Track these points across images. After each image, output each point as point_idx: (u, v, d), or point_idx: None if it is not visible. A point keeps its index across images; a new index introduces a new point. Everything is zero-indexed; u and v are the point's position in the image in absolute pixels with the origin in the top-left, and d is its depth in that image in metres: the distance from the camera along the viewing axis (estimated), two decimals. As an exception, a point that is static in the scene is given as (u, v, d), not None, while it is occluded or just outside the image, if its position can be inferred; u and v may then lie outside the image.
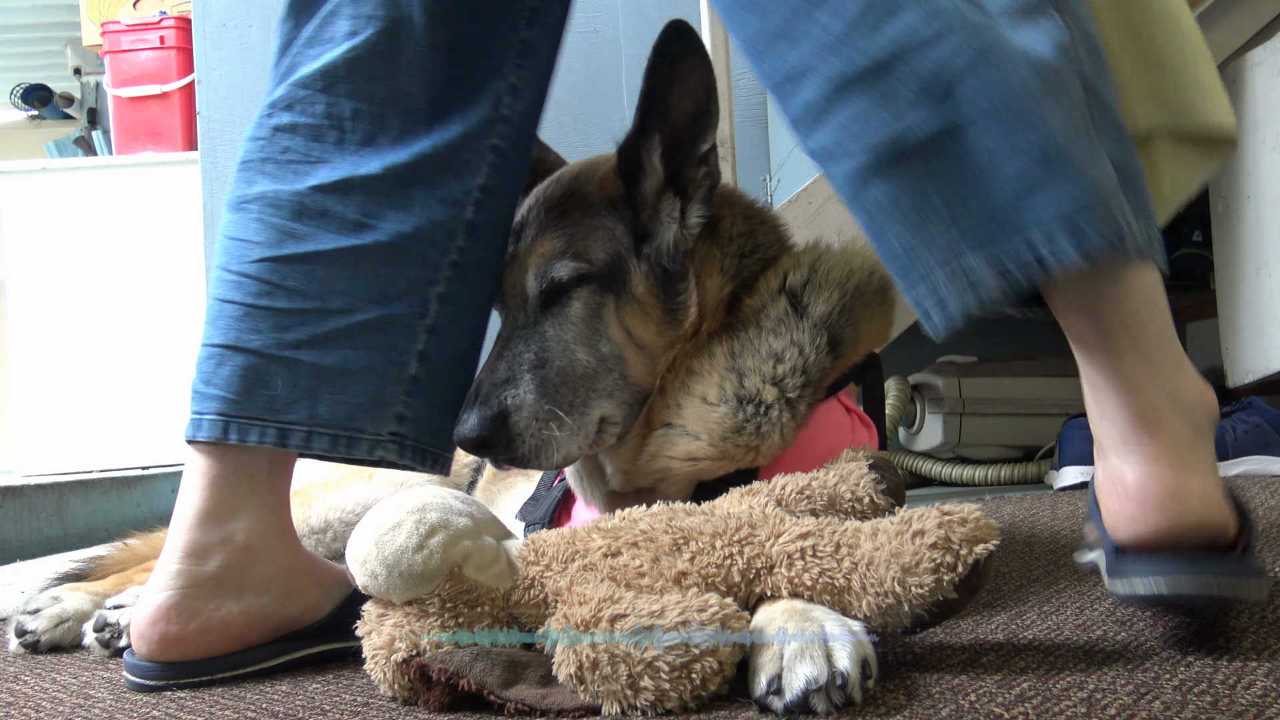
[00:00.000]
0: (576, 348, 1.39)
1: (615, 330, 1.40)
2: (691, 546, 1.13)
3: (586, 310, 1.40)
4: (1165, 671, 1.04)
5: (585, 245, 1.41)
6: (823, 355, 1.41)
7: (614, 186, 1.46)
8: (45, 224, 4.59)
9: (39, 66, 7.11)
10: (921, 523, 1.06)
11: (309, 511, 1.95)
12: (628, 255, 1.43)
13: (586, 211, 1.45)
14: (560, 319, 1.40)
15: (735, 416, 1.38)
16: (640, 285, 1.42)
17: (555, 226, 1.44)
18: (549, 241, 1.42)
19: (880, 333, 1.52)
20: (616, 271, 1.41)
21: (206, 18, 4.19)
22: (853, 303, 1.44)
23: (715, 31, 2.86)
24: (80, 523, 3.23)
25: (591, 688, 1.01)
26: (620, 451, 1.45)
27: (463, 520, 1.15)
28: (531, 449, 1.35)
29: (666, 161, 1.44)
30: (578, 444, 1.37)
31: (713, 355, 1.42)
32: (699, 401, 1.40)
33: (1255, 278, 3.05)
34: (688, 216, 1.44)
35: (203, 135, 4.16)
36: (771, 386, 1.39)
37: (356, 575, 1.14)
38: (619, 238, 1.43)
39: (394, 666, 1.11)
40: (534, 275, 1.42)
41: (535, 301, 1.42)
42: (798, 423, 1.40)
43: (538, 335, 1.40)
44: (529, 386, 1.36)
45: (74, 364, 4.52)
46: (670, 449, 1.41)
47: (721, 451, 1.39)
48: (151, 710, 1.21)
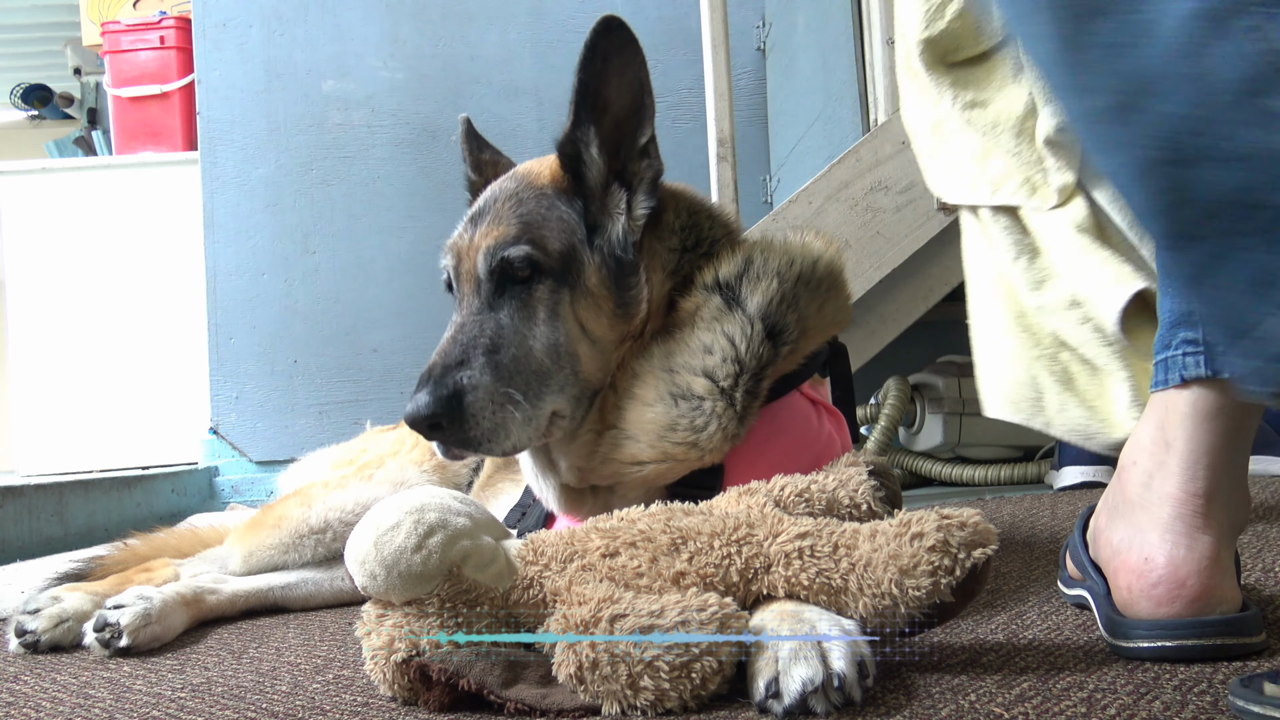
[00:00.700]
0: (531, 338, 1.39)
1: (570, 323, 1.40)
2: (690, 546, 1.13)
3: (541, 301, 1.40)
4: (1165, 671, 1.04)
5: (541, 234, 1.42)
6: (758, 343, 1.39)
7: (563, 179, 1.48)
8: (45, 224, 4.59)
9: (39, 66, 7.12)
10: (920, 526, 1.06)
11: (309, 511, 1.95)
12: (581, 246, 1.44)
13: (541, 201, 1.46)
14: (515, 308, 1.40)
15: (669, 415, 1.38)
16: (594, 277, 1.42)
17: (512, 214, 1.44)
18: (505, 227, 1.43)
19: (834, 317, 1.51)
20: (571, 263, 1.42)
21: (206, 18, 4.19)
22: (795, 291, 1.43)
23: (715, 30, 2.86)
24: (80, 523, 3.23)
25: (591, 688, 1.01)
26: (574, 448, 1.44)
27: (461, 520, 1.15)
28: (485, 432, 1.32)
29: (607, 154, 1.46)
30: (528, 434, 1.36)
31: (650, 357, 1.42)
32: (639, 404, 1.40)
33: (1255, 278, 3.04)
34: (633, 208, 1.46)
35: (202, 135, 4.16)
36: (701, 379, 1.38)
37: (355, 576, 1.14)
38: (573, 228, 1.44)
39: (394, 667, 1.11)
40: (488, 259, 1.41)
41: (490, 287, 1.41)
42: (739, 411, 1.38)
43: (493, 321, 1.40)
44: (484, 369, 1.35)
45: (74, 364, 4.52)
46: (617, 452, 1.41)
47: (661, 453, 1.38)
48: (151, 710, 1.21)
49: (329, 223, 4.11)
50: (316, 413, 4.07)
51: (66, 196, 4.60)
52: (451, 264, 1.48)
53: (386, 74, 4.13)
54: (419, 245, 4.07)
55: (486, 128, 1.75)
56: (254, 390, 4.10)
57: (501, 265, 1.40)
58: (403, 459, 2.05)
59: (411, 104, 4.11)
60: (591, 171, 1.46)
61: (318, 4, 4.17)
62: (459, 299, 1.46)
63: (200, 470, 4.09)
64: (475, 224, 1.47)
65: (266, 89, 4.16)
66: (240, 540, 1.95)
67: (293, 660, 1.45)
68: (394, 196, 4.09)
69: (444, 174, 4.07)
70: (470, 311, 1.42)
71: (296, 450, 2.66)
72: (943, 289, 3.03)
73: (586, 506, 1.45)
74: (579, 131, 1.45)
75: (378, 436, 2.21)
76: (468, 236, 1.47)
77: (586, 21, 1.40)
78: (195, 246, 4.16)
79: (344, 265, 4.09)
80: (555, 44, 4.05)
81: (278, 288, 4.10)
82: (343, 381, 4.09)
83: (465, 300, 1.44)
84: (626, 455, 1.40)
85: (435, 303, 4.03)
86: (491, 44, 4.10)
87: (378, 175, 4.11)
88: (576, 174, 1.46)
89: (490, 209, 1.47)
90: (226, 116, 4.15)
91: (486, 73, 4.07)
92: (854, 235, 2.83)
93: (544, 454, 1.47)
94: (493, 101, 4.06)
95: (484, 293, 1.42)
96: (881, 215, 2.86)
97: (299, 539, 1.93)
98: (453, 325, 1.43)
